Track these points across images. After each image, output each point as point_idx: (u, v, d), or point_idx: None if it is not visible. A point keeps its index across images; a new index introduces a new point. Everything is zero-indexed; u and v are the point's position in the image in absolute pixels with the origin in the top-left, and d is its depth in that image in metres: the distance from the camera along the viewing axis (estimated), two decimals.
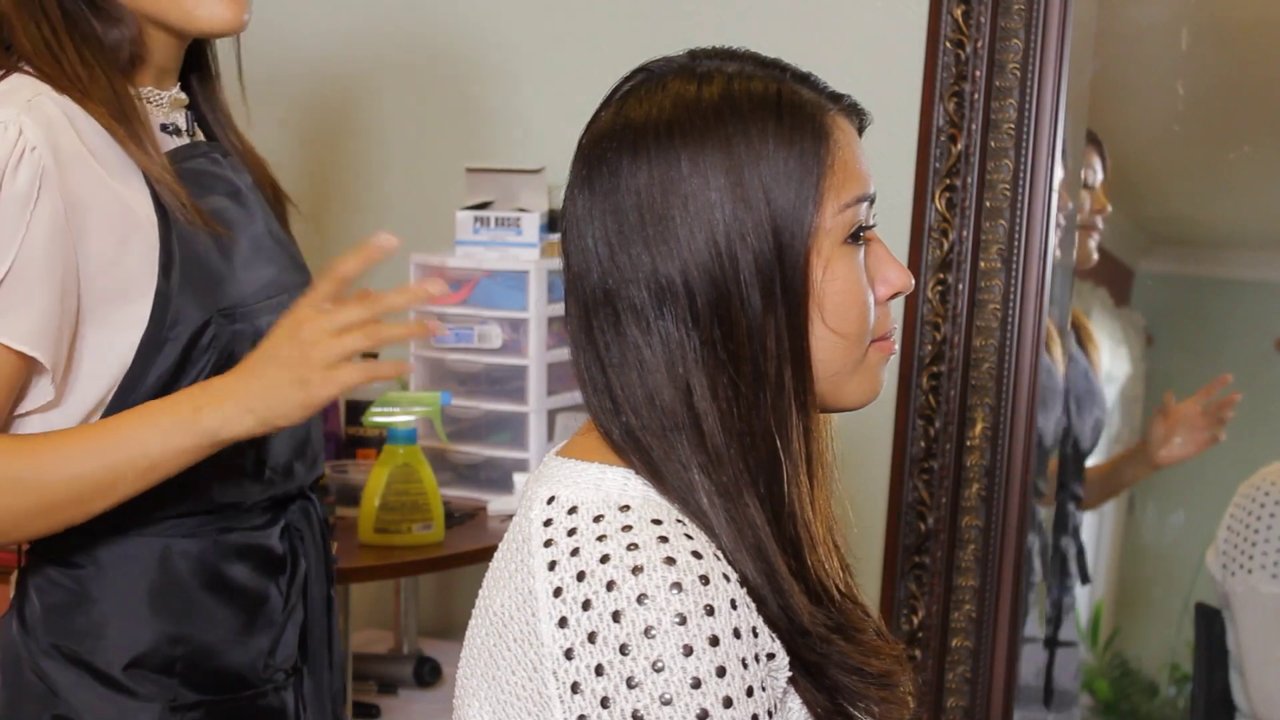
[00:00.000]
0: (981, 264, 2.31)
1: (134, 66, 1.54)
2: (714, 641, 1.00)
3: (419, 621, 2.71)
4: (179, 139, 1.58)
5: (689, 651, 1.00)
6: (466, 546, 2.34)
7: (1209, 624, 2.43)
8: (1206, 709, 2.44)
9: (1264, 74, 2.42)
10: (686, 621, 1.00)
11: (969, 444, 2.32)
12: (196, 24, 1.52)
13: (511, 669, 1.06)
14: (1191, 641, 2.44)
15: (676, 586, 1.01)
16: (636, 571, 1.01)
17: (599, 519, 1.05)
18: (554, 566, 1.04)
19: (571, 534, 1.05)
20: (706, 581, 1.02)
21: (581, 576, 1.02)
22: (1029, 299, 2.30)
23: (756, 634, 1.03)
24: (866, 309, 1.11)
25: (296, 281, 1.60)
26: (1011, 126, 2.29)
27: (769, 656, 1.04)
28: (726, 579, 1.03)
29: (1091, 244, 2.43)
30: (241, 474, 1.56)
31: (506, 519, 2.42)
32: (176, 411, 1.40)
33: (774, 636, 1.04)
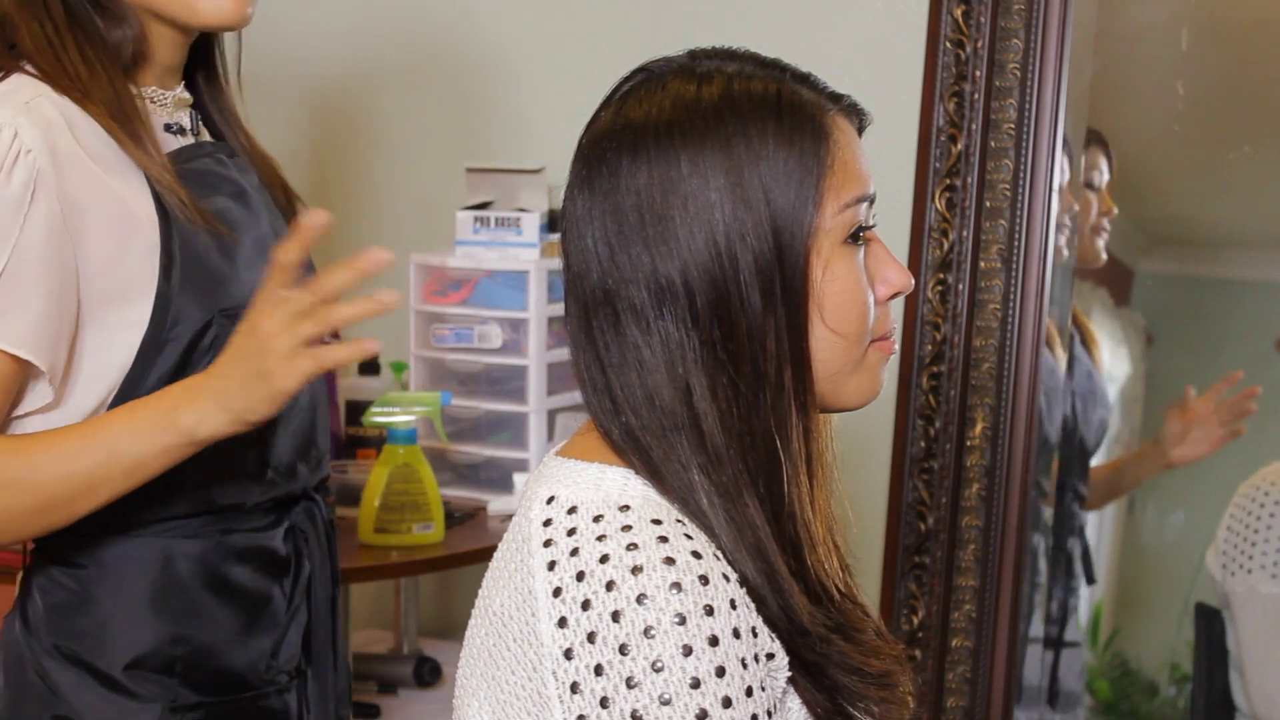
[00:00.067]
0: (981, 264, 2.31)
1: (137, 66, 1.54)
2: (713, 641, 1.00)
3: (419, 621, 2.71)
4: (183, 139, 1.58)
5: (688, 651, 1.00)
6: (466, 546, 2.34)
7: (1209, 624, 2.42)
8: (1206, 709, 2.43)
9: (1264, 74, 2.42)
10: (686, 621, 1.00)
11: (969, 444, 2.31)
12: (199, 17, 1.52)
13: (511, 669, 1.06)
14: (1191, 641, 2.44)
15: (676, 586, 1.01)
16: (636, 571, 1.01)
17: (598, 519, 1.05)
18: (553, 566, 1.04)
19: (571, 534, 1.05)
20: (706, 581, 1.01)
21: (581, 576, 1.02)
22: (1029, 299, 2.30)
23: (756, 634, 1.03)
24: (866, 309, 1.11)
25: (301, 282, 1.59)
26: (1011, 126, 2.29)
27: (768, 656, 1.04)
28: (726, 579, 1.03)
29: (1099, 244, 2.43)
30: (243, 475, 1.55)
31: (506, 519, 2.42)
32: (156, 411, 1.39)
33: (773, 636, 1.04)
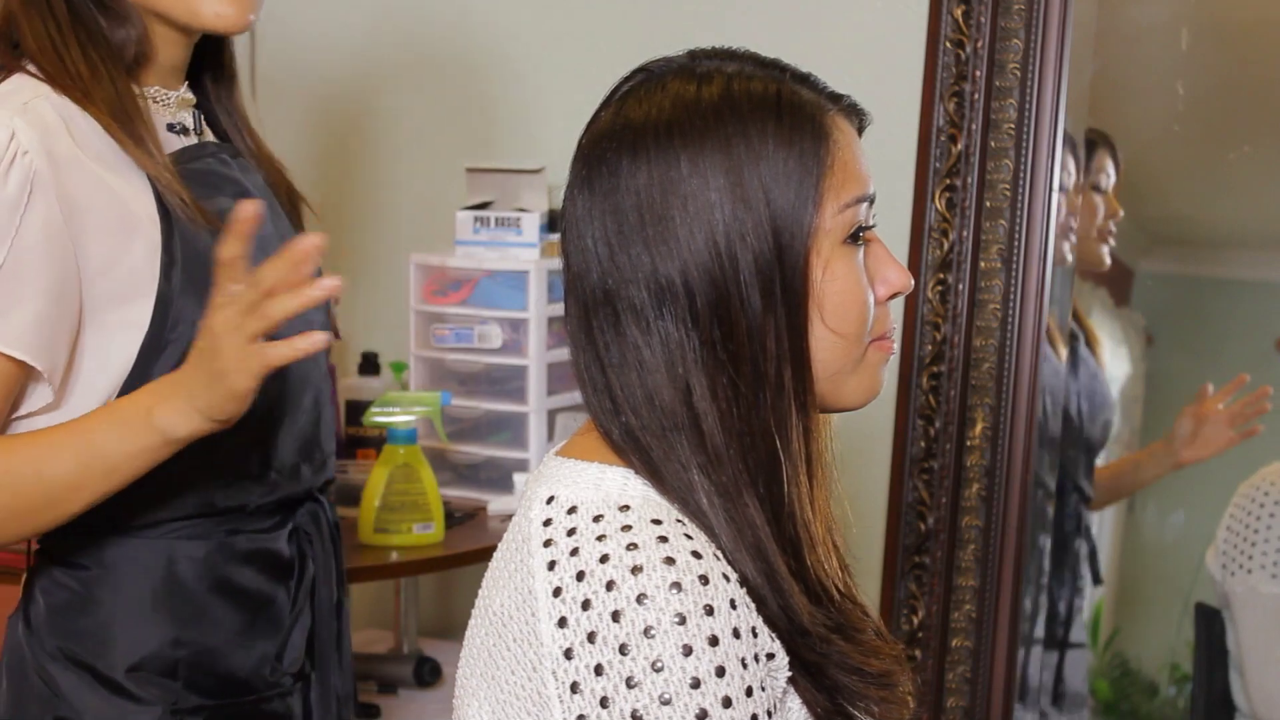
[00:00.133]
0: (981, 264, 2.31)
1: (140, 66, 1.54)
2: (713, 641, 1.00)
3: (419, 621, 2.71)
4: (186, 139, 1.58)
5: (688, 651, 1.00)
6: (466, 546, 2.33)
7: (1209, 624, 2.42)
8: (1206, 709, 2.43)
9: (1264, 74, 2.42)
10: (686, 621, 1.00)
11: (969, 444, 2.31)
12: (201, 21, 1.52)
13: (511, 669, 1.06)
14: (1191, 641, 2.44)
15: (676, 586, 1.01)
16: (636, 571, 1.01)
17: (598, 519, 1.05)
18: (553, 566, 1.04)
19: (571, 534, 1.05)
20: (706, 581, 1.01)
21: (581, 576, 1.02)
22: (1029, 299, 2.30)
23: (756, 634, 1.03)
24: (866, 309, 1.11)
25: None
26: (1011, 126, 2.29)
27: (768, 656, 1.04)
28: (726, 579, 1.03)
29: (1104, 251, 2.43)
30: (245, 476, 1.55)
31: (506, 519, 2.42)
32: (134, 412, 1.38)
33: (774, 636, 1.04)
